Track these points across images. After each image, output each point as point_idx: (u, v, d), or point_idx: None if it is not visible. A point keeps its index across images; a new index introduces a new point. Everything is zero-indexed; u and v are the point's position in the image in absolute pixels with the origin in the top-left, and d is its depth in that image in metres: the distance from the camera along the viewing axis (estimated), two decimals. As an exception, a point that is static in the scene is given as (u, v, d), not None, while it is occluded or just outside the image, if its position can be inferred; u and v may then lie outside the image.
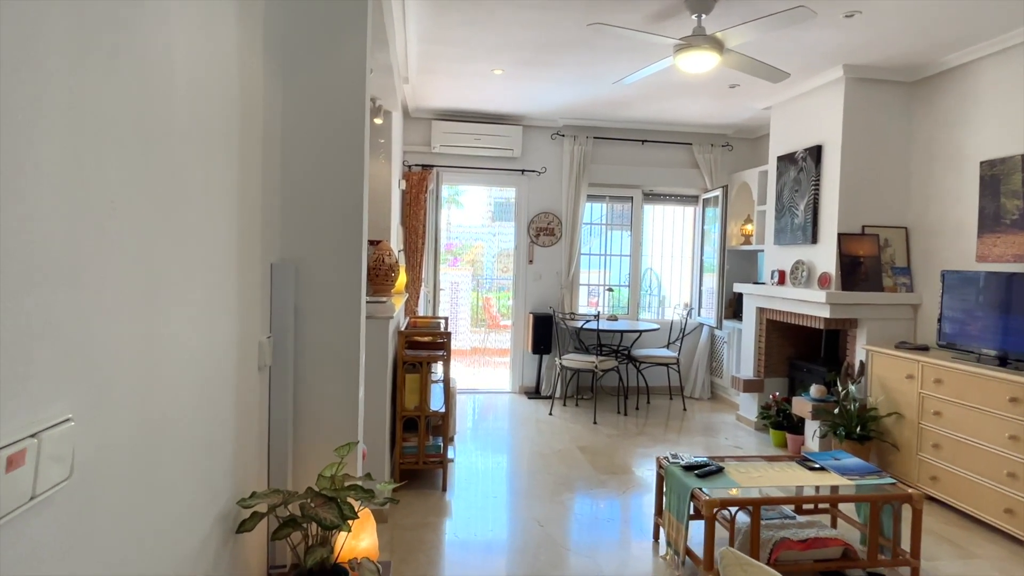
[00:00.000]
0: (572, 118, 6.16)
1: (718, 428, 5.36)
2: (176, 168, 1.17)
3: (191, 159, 1.24)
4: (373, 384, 3.28)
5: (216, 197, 1.36)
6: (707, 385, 6.45)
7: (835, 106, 4.48)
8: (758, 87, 4.92)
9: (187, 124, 1.21)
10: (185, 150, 1.21)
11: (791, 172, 4.97)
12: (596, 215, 6.83)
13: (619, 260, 6.80)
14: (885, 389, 4.13)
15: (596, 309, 7.10)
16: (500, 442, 4.85)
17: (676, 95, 5.23)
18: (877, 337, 4.38)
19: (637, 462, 4.45)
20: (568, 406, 5.95)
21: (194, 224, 1.25)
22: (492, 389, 6.61)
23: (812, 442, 4.54)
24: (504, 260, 11.88)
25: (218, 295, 1.35)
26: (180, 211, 1.19)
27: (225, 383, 1.37)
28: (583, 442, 4.84)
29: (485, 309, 8.81)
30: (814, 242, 4.67)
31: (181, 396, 1.20)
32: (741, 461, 3.18)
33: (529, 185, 6.36)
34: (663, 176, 6.46)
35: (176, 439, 1.19)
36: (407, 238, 6.00)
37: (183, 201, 1.20)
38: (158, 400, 1.10)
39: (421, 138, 6.15)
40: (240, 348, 1.46)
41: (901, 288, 4.45)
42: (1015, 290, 3.42)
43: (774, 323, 5.25)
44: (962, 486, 3.51)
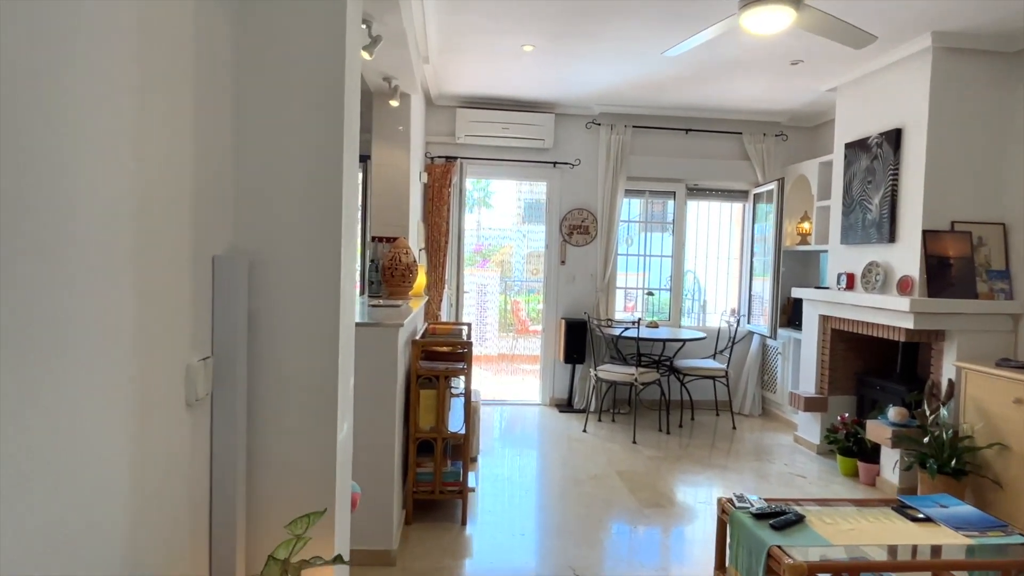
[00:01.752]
0: (609, 104, 5.61)
1: (773, 451, 4.75)
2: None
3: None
4: (380, 402, 2.80)
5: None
6: (758, 400, 5.83)
7: (920, 82, 3.85)
8: (825, 63, 4.31)
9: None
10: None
11: (862, 161, 4.35)
12: (634, 212, 6.27)
13: (659, 261, 6.22)
14: (983, 415, 3.50)
15: (633, 314, 6.54)
16: (528, 464, 4.33)
17: (728, 75, 4.65)
18: (970, 352, 3.74)
19: (684, 491, 3.88)
20: (604, 421, 5.40)
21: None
22: (520, 400, 6.10)
23: (891, 474, 3.91)
24: (534, 261, 11.35)
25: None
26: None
27: (102, 433, 0.88)
28: (622, 465, 4.29)
29: (514, 313, 8.31)
30: (891, 240, 4.05)
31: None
32: (823, 506, 2.61)
33: (561, 179, 5.84)
34: (709, 169, 5.87)
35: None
36: (429, 236, 5.53)
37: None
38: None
39: (445, 128, 5.68)
40: (145, 377, 0.98)
41: (999, 295, 3.80)
42: None
43: (840, 333, 4.63)
44: (1093, 538, 2.87)
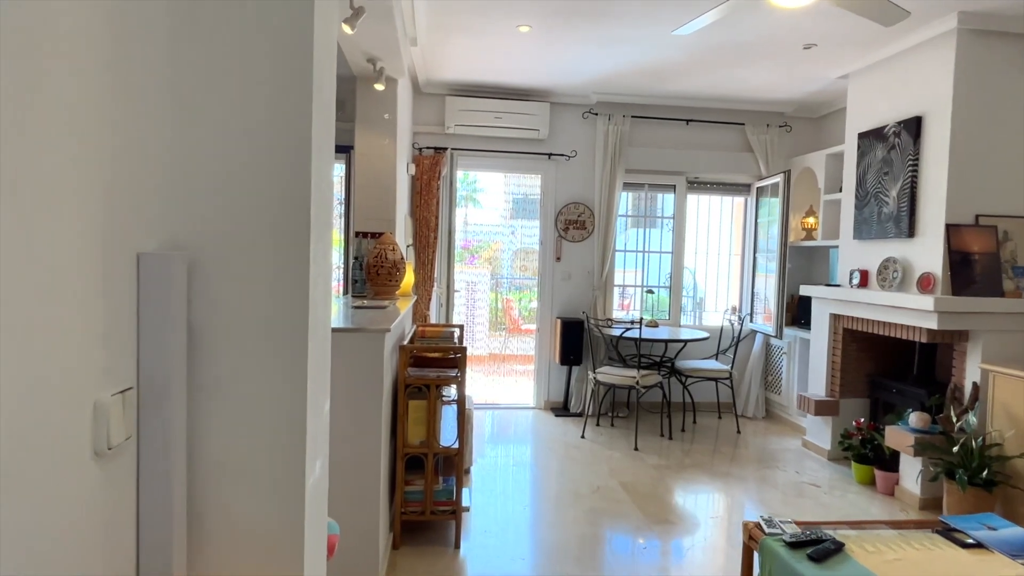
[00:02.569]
0: (607, 93, 5.33)
1: (782, 457, 4.51)
2: None
3: None
4: (364, 417, 2.50)
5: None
6: (761, 403, 5.59)
7: (943, 66, 3.61)
8: (839, 48, 4.06)
9: None
10: None
11: (878, 151, 4.10)
12: (633, 206, 6.00)
13: (658, 257, 5.96)
14: (1014, 421, 3.26)
15: (629, 313, 6.28)
16: (525, 475, 4.04)
17: (736, 61, 4.38)
18: (996, 354, 3.51)
19: (694, 504, 3.62)
20: (602, 426, 5.13)
21: None
22: (513, 404, 5.81)
23: (912, 484, 3.67)
24: (524, 258, 11.05)
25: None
26: None
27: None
28: (624, 476, 4.02)
29: (505, 312, 8.02)
30: (911, 235, 3.81)
31: None
32: (860, 530, 2.35)
33: (557, 171, 5.55)
34: (711, 161, 5.61)
35: None
36: (417, 231, 5.22)
37: None
38: None
39: (434, 117, 5.36)
40: (16, 425, 0.68)
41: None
42: None
43: (853, 333, 4.38)
44: None
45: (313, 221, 1.09)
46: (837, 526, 2.37)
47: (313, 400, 1.14)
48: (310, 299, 1.09)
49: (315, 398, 1.16)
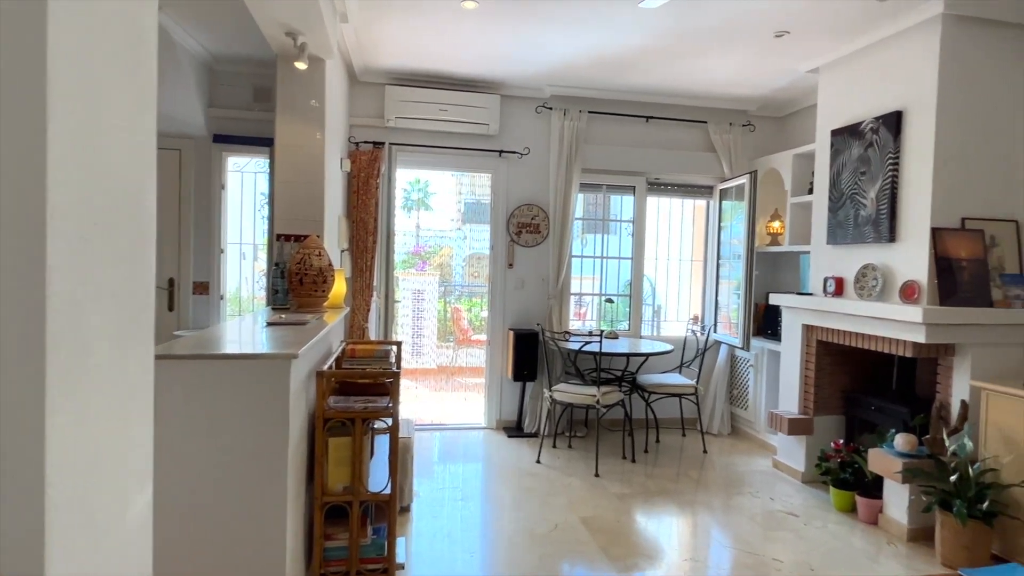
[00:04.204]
0: (562, 86, 4.92)
1: (753, 480, 4.15)
2: None
3: None
4: (262, 463, 1.97)
5: None
6: (726, 418, 5.25)
7: (927, 56, 3.32)
8: (813, 36, 3.75)
9: None
10: None
11: (854, 149, 3.80)
12: (590, 209, 5.61)
13: (616, 264, 5.58)
14: (1012, 445, 2.97)
15: (585, 322, 5.88)
16: (473, 511, 3.55)
17: (701, 49, 4.03)
18: (986, 369, 3.22)
19: (664, 541, 3.21)
20: (559, 448, 4.69)
21: None
22: (462, 424, 5.32)
23: (898, 512, 3.35)
24: (475, 264, 10.56)
25: None
26: None
27: None
28: (586, 509, 3.57)
29: (454, 321, 7.52)
30: (891, 240, 3.51)
31: None
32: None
33: (508, 170, 5.10)
34: (672, 161, 5.27)
35: None
36: (354, 235, 4.68)
37: None
38: None
39: (372, 108, 4.84)
40: None
41: (1015, 303, 3.31)
42: None
43: (827, 345, 4.07)
44: None
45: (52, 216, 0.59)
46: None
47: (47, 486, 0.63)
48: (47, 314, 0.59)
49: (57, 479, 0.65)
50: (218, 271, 4.63)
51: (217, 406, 1.93)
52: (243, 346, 2.17)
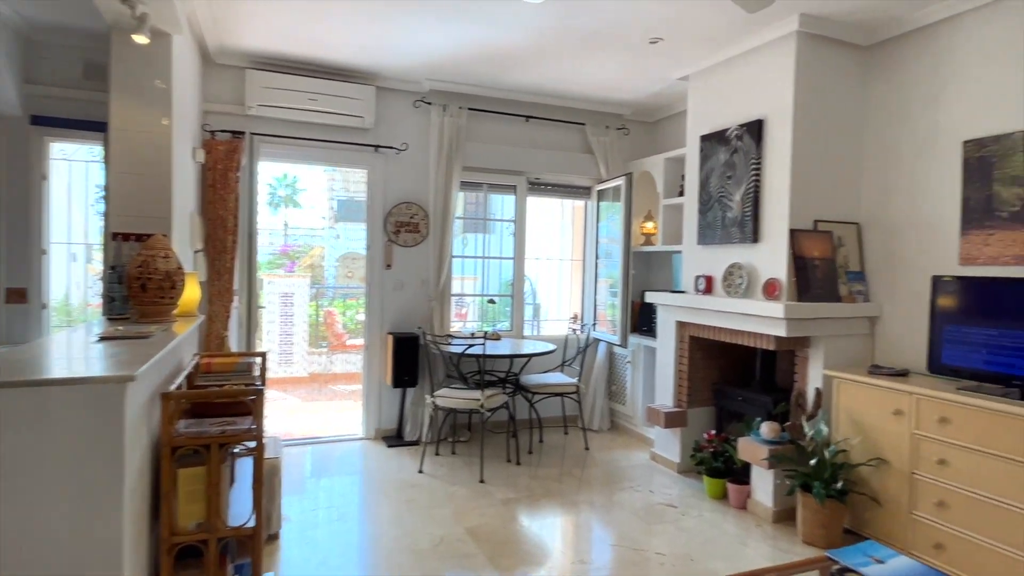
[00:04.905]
0: (442, 80, 4.76)
1: (633, 474, 4.25)
2: None
3: None
4: (93, 500, 1.65)
5: None
6: (606, 414, 5.37)
7: (784, 69, 3.54)
8: (685, 44, 3.88)
9: None
10: None
11: (721, 154, 4.00)
12: (471, 207, 5.50)
13: (498, 264, 5.52)
14: (859, 427, 3.24)
15: (466, 324, 5.77)
16: (351, 532, 3.31)
17: (579, 51, 4.05)
18: (836, 359, 3.50)
19: (552, 544, 3.17)
20: (443, 455, 4.53)
21: None
22: (338, 435, 5.00)
23: (764, 496, 3.55)
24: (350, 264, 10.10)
25: None
26: None
27: None
28: (471, 518, 3.45)
29: (328, 325, 7.10)
30: (755, 240, 3.72)
31: None
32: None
33: (386, 166, 4.86)
34: (552, 161, 5.29)
35: None
36: (211, 234, 4.23)
37: None
38: None
39: (230, 94, 4.40)
40: None
41: (857, 297, 3.62)
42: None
43: (698, 341, 4.26)
44: (986, 559, 2.65)
45: None
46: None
47: None
48: None
49: None
50: (39, 275, 3.97)
51: (31, 442, 1.58)
52: (68, 366, 1.81)
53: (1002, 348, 2.76)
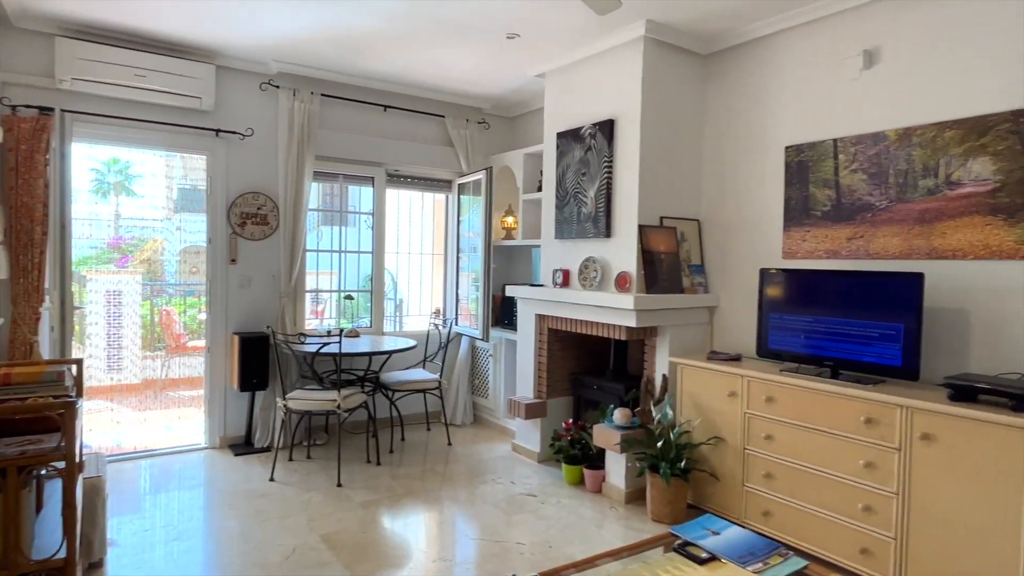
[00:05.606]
0: (292, 63, 4.48)
1: (495, 467, 4.29)
2: None
3: None
4: None
5: None
6: (469, 409, 5.38)
7: (632, 72, 3.72)
8: (541, 41, 3.95)
9: None
10: None
11: (576, 151, 4.13)
12: (327, 200, 5.24)
13: (356, 258, 5.32)
14: (700, 409, 3.50)
15: (324, 322, 5.52)
16: (193, 552, 3.01)
17: (439, 40, 3.99)
18: (680, 347, 3.76)
19: (413, 544, 3.10)
20: (297, 460, 4.28)
21: None
22: (177, 446, 4.55)
23: (618, 479, 3.74)
24: (193, 259, 9.31)
25: None
26: None
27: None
28: (328, 524, 3.29)
29: (165, 326, 6.45)
30: (608, 235, 3.89)
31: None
32: (596, 567, 2.08)
33: (228, 153, 4.48)
34: (411, 153, 5.18)
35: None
36: (14, 225, 3.65)
37: None
38: None
39: (36, 64, 3.83)
40: None
41: (699, 289, 3.91)
42: (844, 289, 2.98)
43: (557, 333, 4.38)
44: (805, 522, 2.97)
45: None
46: (566, 574, 2.06)
47: None
48: None
49: None
50: None
51: None
52: None
53: (816, 333, 3.11)
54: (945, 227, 2.87)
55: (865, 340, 2.90)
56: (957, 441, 2.44)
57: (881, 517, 2.68)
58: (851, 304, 2.95)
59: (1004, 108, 2.68)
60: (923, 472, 2.54)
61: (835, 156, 3.28)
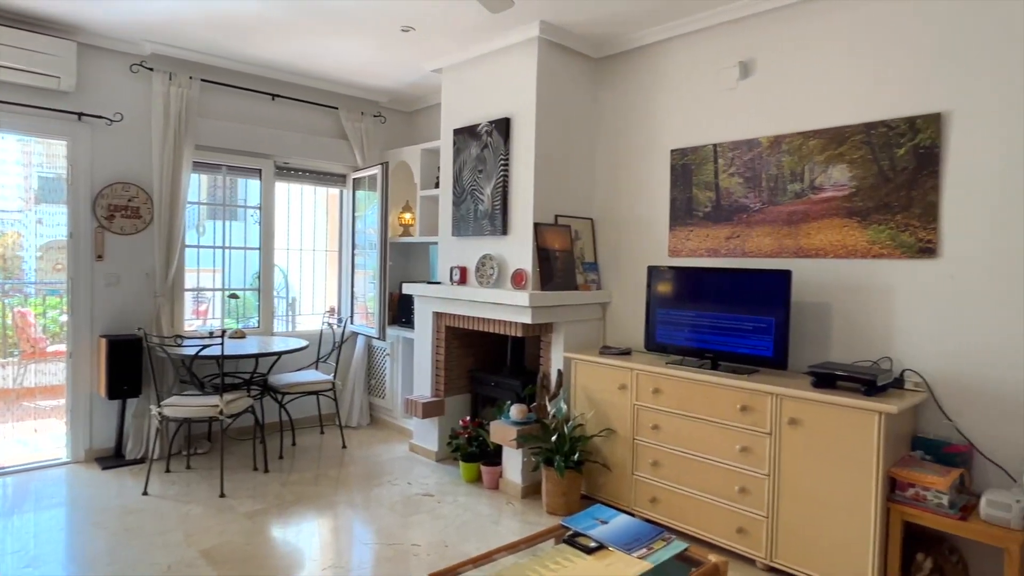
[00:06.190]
0: (167, 44, 4.16)
1: (392, 468, 4.21)
2: None
3: None
4: None
5: None
6: (365, 410, 5.24)
7: (528, 71, 3.77)
8: (436, 37, 3.91)
9: None
10: None
11: (472, 149, 4.12)
12: (210, 192, 4.92)
13: (243, 254, 5.03)
14: (593, 402, 3.60)
15: (208, 323, 5.18)
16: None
17: (331, 29, 3.84)
18: (574, 342, 3.85)
19: (303, 554, 2.97)
20: (175, 471, 3.99)
21: None
22: (33, 462, 4.11)
23: (515, 474, 3.77)
24: (57, 255, 8.49)
25: None
26: None
27: None
28: (208, 539, 3.09)
29: (20, 329, 5.79)
30: (504, 233, 3.91)
31: None
32: (491, 562, 2.09)
33: (93, 139, 4.09)
34: (303, 145, 4.96)
35: None
36: None
37: None
38: None
39: None
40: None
41: (592, 285, 4.03)
42: (723, 286, 3.17)
43: (455, 330, 4.36)
44: (689, 506, 3.13)
45: None
46: (464, 572, 2.06)
47: None
48: None
49: None
50: None
51: None
52: None
53: (698, 327, 3.28)
54: (810, 228, 3.12)
55: (741, 333, 3.09)
56: (819, 424, 2.66)
57: (755, 498, 2.87)
58: (729, 299, 3.14)
59: (858, 120, 2.95)
60: (790, 454, 2.75)
61: (715, 160, 3.48)
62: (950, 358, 2.70)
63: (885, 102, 2.86)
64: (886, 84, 2.86)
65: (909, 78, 2.80)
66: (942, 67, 2.70)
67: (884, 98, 2.87)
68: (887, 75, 2.86)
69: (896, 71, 2.83)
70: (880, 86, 2.88)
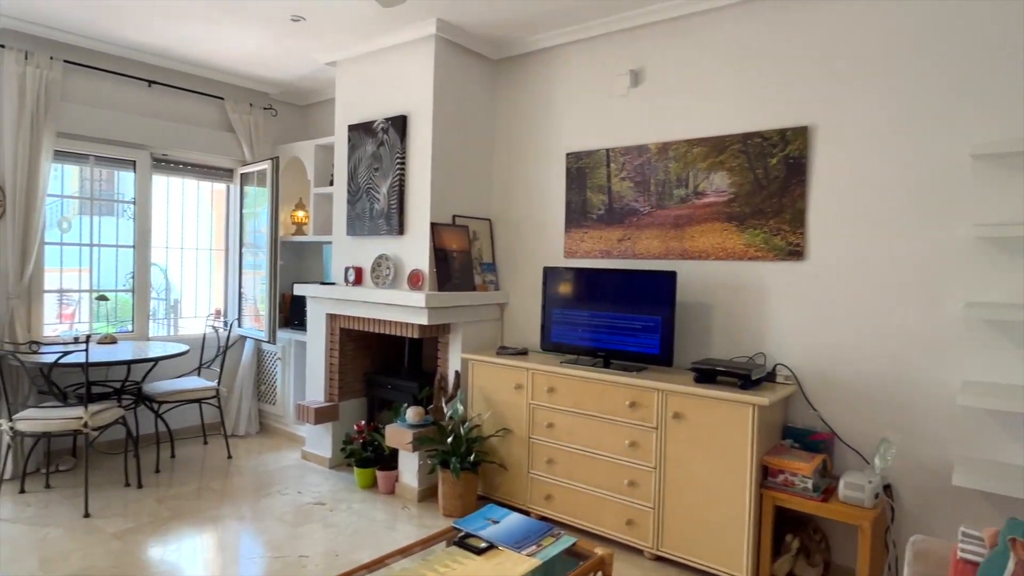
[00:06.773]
0: (22, 19, 3.76)
1: (282, 477, 4.02)
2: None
3: None
4: None
5: None
6: (254, 417, 4.97)
7: (424, 69, 3.72)
8: (328, 30, 3.77)
9: None
10: None
11: (368, 146, 4.01)
12: (69, 186, 4.49)
13: (115, 252, 4.63)
14: (491, 403, 3.60)
15: (74, 327, 4.72)
16: None
17: (214, 15, 3.61)
18: (472, 343, 3.84)
19: (187, 572, 2.76)
20: (32, 492, 3.60)
21: None
22: None
23: (411, 478, 3.70)
24: None
25: None
26: None
27: None
28: (69, 565, 2.80)
29: None
30: (400, 233, 3.84)
31: None
32: (384, 567, 2.03)
33: (-70, 119, 3.62)
34: (184, 137, 4.64)
35: None
36: None
37: None
38: None
39: None
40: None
41: (490, 286, 4.03)
42: (614, 286, 3.27)
43: (350, 332, 4.22)
44: (581, 502, 3.20)
45: None
46: (370, 569, 1.99)
47: None
48: None
49: None
50: None
51: None
52: None
53: (592, 326, 3.36)
54: (694, 231, 3.28)
55: (631, 332, 3.20)
56: (700, 417, 2.80)
57: (642, 490, 2.98)
58: (620, 300, 3.24)
59: (737, 131, 3.14)
60: (675, 447, 2.88)
61: (608, 164, 3.58)
62: (815, 352, 2.93)
63: (761, 114, 3.07)
64: (762, 97, 3.06)
65: (782, 93, 3.01)
66: (810, 84, 2.93)
67: (760, 110, 3.07)
68: (763, 89, 3.06)
69: (771, 85, 3.04)
70: (757, 99, 3.08)
